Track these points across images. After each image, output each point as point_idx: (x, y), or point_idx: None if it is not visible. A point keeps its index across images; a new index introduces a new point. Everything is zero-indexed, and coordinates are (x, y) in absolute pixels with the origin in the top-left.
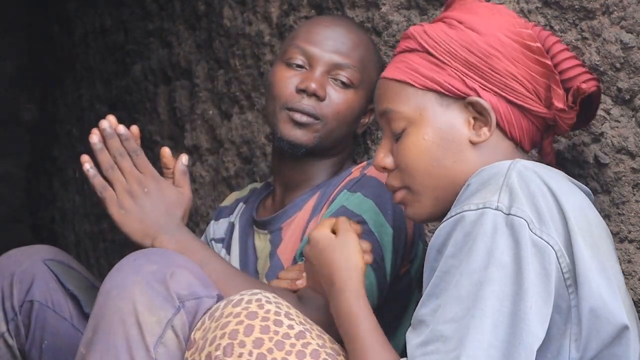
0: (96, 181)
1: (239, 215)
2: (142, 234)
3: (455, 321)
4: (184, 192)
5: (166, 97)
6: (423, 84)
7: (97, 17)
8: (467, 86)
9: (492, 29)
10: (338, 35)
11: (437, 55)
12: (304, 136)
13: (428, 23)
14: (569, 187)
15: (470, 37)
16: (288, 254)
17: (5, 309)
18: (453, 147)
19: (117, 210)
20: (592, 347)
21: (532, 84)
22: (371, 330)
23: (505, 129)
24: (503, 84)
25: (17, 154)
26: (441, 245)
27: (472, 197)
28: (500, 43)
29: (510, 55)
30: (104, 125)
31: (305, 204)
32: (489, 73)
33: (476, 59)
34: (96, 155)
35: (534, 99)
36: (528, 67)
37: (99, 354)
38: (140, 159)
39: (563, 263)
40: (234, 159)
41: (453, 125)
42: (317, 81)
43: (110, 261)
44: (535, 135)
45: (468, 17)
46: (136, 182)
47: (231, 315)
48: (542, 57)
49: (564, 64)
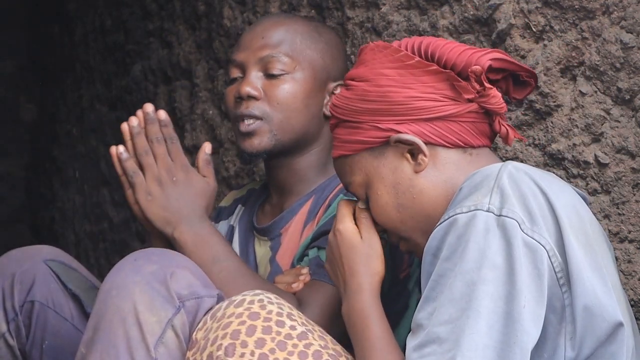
0: (128, 164)
1: (238, 218)
2: (165, 221)
3: (451, 323)
4: (209, 182)
5: (166, 97)
6: (352, 149)
7: (97, 17)
8: (383, 130)
9: (376, 70)
10: (260, 31)
11: (348, 119)
12: (259, 143)
13: (336, 94)
14: (560, 186)
15: (362, 88)
16: (287, 259)
17: (6, 309)
18: (404, 187)
19: (144, 196)
20: (588, 345)
21: (435, 93)
22: (383, 333)
23: (440, 143)
24: (411, 110)
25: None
26: (436, 249)
27: (464, 200)
28: (387, 78)
29: (401, 82)
30: (148, 109)
31: (301, 208)
32: (393, 108)
33: (376, 104)
34: (133, 139)
35: (448, 103)
36: (422, 82)
37: (99, 353)
38: (175, 147)
39: (555, 262)
40: (234, 159)
41: (395, 169)
42: (247, 83)
43: (110, 261)
44: (478, 128)
45: (356, 72)
46: (166, 170)
47: (233, 316)
48: (427, 66)
49: (451, 56)
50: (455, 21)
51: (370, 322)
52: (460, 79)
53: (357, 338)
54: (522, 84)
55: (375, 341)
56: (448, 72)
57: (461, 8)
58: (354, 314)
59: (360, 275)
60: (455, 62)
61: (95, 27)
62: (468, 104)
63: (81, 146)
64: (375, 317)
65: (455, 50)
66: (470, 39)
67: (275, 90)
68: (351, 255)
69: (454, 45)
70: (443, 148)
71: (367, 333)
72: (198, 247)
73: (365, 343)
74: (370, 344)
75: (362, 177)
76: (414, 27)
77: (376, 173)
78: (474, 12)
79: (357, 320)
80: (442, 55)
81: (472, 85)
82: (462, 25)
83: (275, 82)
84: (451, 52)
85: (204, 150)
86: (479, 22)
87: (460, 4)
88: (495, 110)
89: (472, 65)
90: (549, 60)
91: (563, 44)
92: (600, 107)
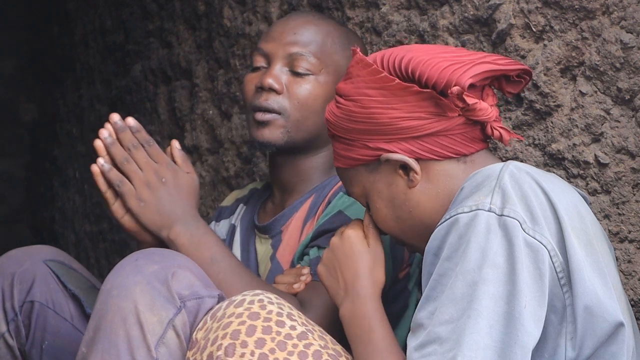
0: (112, 175)
1: (239, 217)
2: (160, 224)
3: (451, 322)
4: (194, 177)
5: (166, 97)
6: (348, 164)
7: (97, 17)
8: (372, 149)
9: (361, 90)
10: (292, 27)
11: (339, 135)
12: (271, 134)
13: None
14: (561, 186)
15: (348, 108)
16: (287, 257)
17: (5, 309)
18: (400, 202)
19: (136, 203)
20: (588, 345)
21: (420, 111)
22: (386, 334)
23: (431, 157)
24: (398, 129)
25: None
26: (437, 249)
27: (465, 200)
28: (371, 99)
29: (385, 103)
30: (114, 119)
31: (302, 205)
32: (380, 129)
33: (363, 125)
34: (108, 150)
35: (434, 120)
36: (405, 102)
37: (100, 353)
38: (154, 149)
39: (556, 262)
40: (234, 159)
41: (389, 184)
42: (272, 75)
43: (110, 261)
44: (467, 137)
45: (344, 87)
46: (153, 173)
47: (233, 316)
48: (407, 87)
49: (431, 74)
50: (455, 21)
51: (374, 324)
52: (442, 97)
53: (359, 340)
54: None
55: (379, 342)
56: (430, 92)
57: (461, 8)
58: (358, 316)
59: (365, 279)
60: (436, 81)
61: (95, 27)
62: (455, 118)
63: (81, 146)
64: (379, 319)
65: (436, 68)
66: (470, 39)
67: (297, 89)
68: (357, 260)
69: (436, 62)
70: (435, 161)
71: (371, 334)
72: (195, 248)
73: (369, 344)
74: (374, 345)
75: (360, 189)
76: (414, 27)
77: (372, 187)
78: (474, 12)
79: (361, 322)
80: (423, 74)
81: (454, 104)
82: (462, 25)
83: (299, 80)
84: (432, 70)
85: (175, 148)
86: (479, 22)
87: (460, 4)
88: (484, 120)
89: (453, 84)
90: (549, 60)
91: (563, 44)
92: (600, 107)
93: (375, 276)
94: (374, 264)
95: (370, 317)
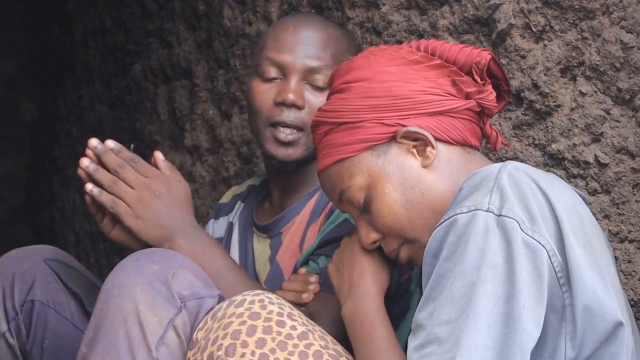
0: (104, 198)
1: (237, 214)
2: (161, 239)
3: (450, 323)
4: (184, 183)
5: (166, 97)
6: (352, 150)
7: (97, 17)
8: (388, 126)
9: (376, 68)
10: (306, 38)
11: (347, 119)
12: (294, 153)
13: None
14: (560, 186)
15: (362, 87)
16: (287, 260)
17: (6, 309)
18: (413, 183)
19: (134, 221)
20: (588, 345)
21: (437, 87)
22: (388, 334)
23: (444, 138)
24: (415, 104)
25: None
26: (436, 250)
27: (464, 200)
28: (390, 74)
29: (404, 77)
30: (93, 144)
31: (303, 208)
32: (398, 103)
33: (379, 100)
34: (93, 177)
35: (449, 98)
36: (425, 77)
37: (100, 353)
38: (141, 165)
39: (555, 262)
40: (234, 159)
41: (401, 165)
42: (294, 91)
43: (110, 261)
44: (473, 128)
45: (351, 75)
46: (145, 188)
47: (234, 316)
48: (430, 61)
49: (451, 53)
50: (455, 21)
51: (376, 324)
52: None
53: (361, 339)
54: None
55: (381, 342)
56: (451, 67)
57: (461, 8)
58: (359, 316)
59: (370, 279)
60: (456, 58)
61: (95, 27)
62: (466, 100)
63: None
64: (381, 319)
65: (455, 48)
66: (470, 39)
67: (319, 104)
68: (366, 261)
69: (453, 44)
70: (445, 145)
71: (373, 334)
72: (199, 261)
73: (371, 344)
74: (376, 345)
75: (363, 178)
76: (414, 27)
77: (381, 172)
78: (474, 12)
79: (364, 321)
80: (443, 53)
81: (474, 79)
82: (462, 25)
83: (318, 95)
84: (451, 49)
85: (159, 159)
86: (479, 22)
87: (460, 4)
88: (491, 107)
89: (474, 59)
90: (549, 60)
91: (563, 44)
92: (600, 107)
93: (381, 277)
94: (381, 266)
95: (373, 315)
